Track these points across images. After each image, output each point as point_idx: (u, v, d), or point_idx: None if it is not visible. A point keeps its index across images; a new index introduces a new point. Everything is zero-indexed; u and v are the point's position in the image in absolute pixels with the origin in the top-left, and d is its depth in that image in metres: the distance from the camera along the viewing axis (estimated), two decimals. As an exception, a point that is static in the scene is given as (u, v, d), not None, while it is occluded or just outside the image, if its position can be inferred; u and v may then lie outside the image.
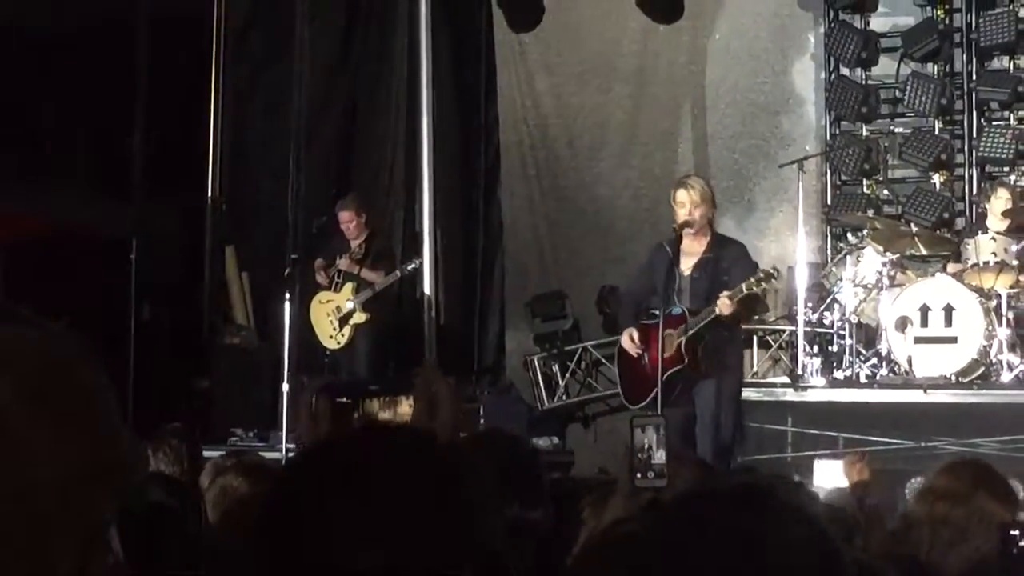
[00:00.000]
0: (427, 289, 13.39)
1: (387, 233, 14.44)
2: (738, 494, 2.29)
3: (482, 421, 13.17)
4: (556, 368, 14.63)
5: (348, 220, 13.23)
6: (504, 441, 5.30)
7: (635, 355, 9.92)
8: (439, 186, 13.92)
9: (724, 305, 9.53)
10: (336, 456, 2.12)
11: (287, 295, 12.84)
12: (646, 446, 3.67)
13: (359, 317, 13.01)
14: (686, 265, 9.90)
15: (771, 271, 9.78)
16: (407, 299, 13.93)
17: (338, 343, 13.14)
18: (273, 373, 13.03)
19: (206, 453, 8.10)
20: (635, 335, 9.93)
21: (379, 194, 15.03)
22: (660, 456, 3.65)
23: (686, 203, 9.83)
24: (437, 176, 13.88)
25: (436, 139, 14.00)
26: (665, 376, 9.49)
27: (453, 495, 2.07)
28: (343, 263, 13.15)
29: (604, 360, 14.10)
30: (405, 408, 2.38)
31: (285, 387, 12.35)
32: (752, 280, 9.60)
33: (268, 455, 11.16)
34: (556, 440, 13.98)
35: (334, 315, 13.07)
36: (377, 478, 2.05)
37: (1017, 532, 3.96)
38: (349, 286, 13.10)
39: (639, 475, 3.66)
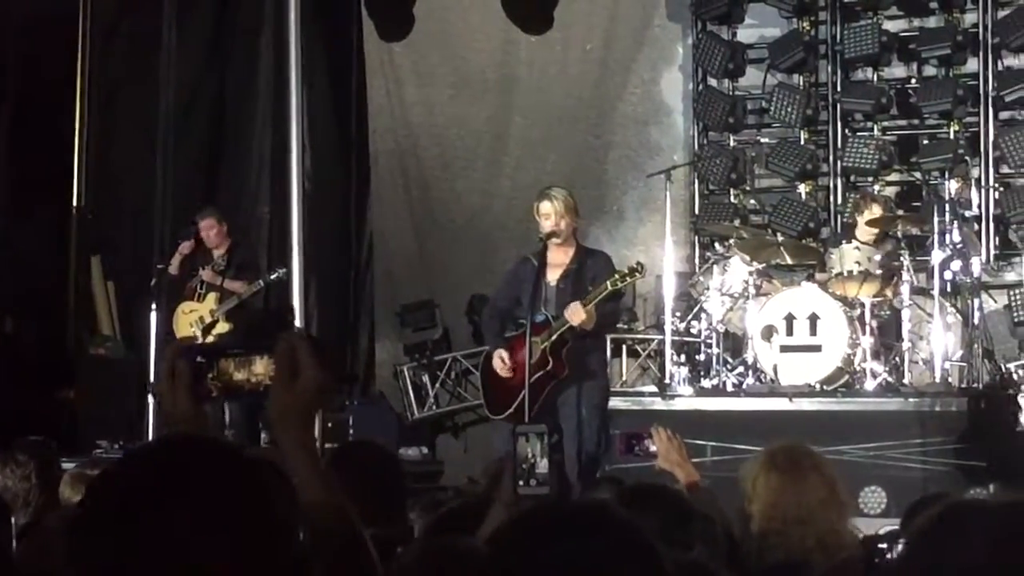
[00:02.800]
0: (295, 298, 13.30)
1: (253, 242, 14.33)
2: (568, 519, 2.30)
3: (351, 431, 13.12)
4: (426, 378, 14.61)
5: (209, 228, 13.11)
6: (368, 455, 5.27)
7: (505, 374, 9.91)
8: (308, 194, 13.84)
9: (572, 313, 9.59)
10: (140, 472, 2.10)
11: (153, 305, 12.73)
12: (529, 455, 3.69)
13: (222, 327, 12.91)
14: (552, 276, 9.94)
15: (635, 266, 9.81)
16: (273, 308, 13.83)
17: (201, 353, 12.98)
18: (139, 384, 12.91)
19: (71, 466, 7.99)
20: (504, 355, 9.93)
21: (247, 202, 14.92)
22: (543, 464, 3.67)
23: (551, 214, 9.88)
24: (306, 184, 13.80)
25: (305, 147, 13.92)
26: (535, 376, 9.53)
27: (256, 510, 2.06)
28: (206, 275, 13.03)
29: (474, 370, 14.07)
30: (259, 368, 2.36)
31: (151, 398, 12.24)
32: (616, 276, 9.65)
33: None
34: (426, 450, 13.97)
35: (197, 325, 12.95)
36: (180, 496, 2.04)
37: (885, 545, 4.00)
38: (212, 296, 12.99)
39: (522, 483, 3.68)
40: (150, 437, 12.03)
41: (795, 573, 4.22)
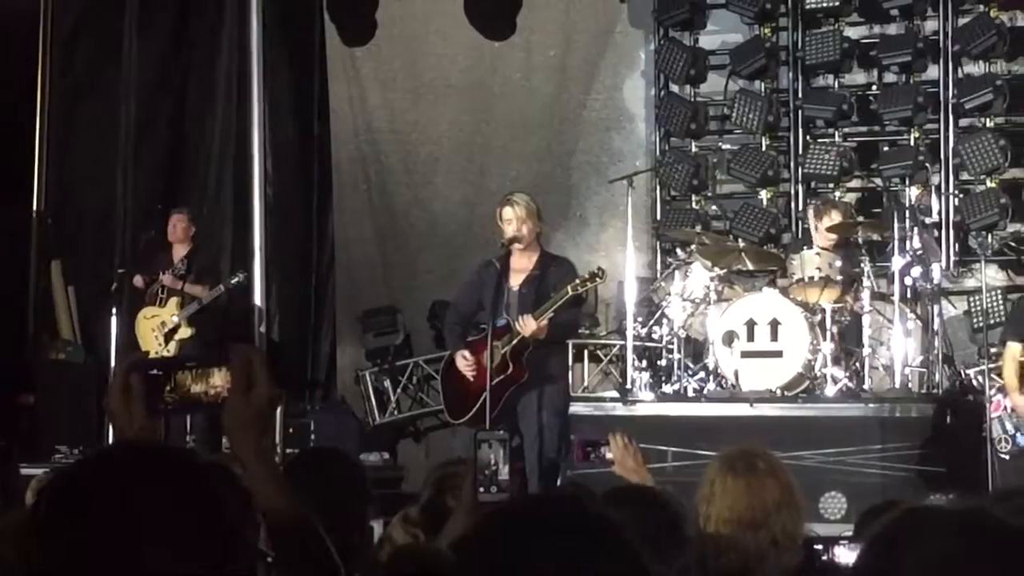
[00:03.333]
0: (258, 301, 13.23)
1: (215, 246, 14.29)
2: (549, 512, 2.29)
3: (312, 437, 13.10)
4: (388, 383, 14.60)
5: (178, 221, 13.14)
6: (329, 461, 5.26)
7: (469, 374, 9.93)
8: (270, 199, 13.79)
9: (524, 325, 9.62)
10: (93, 476, 2.10)
11: (113, 309, 12.68)
12: (491, 461, 3.68)
13: (184, 332, 12.88)
14: (515, 281, 9.99)
15: (595, 271, 9.86)
16: (236, 313, 13.78)
17: (164, 358, 12.95)
18: (99, 388, 12.84)
19: (31, 471, 7.97)
20: (467, 353, 9.96)
21: (208, 207, 14.87)
22: (505, 472, 3.66)
23: (513, 219, 9.92)
24: (268, 189, 13.75)
25: (267, 152, 13.87)
26: (495, 381, 9.56)
27: (210, 517, 2.06)
28: (167, 279, 13.01)
29: (435, 375, 14.04)
30: (217, 380, 2.36)
31: (110, 406, 12.16)
32: (576, 281, 9.70)
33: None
34: (387, 455, 13.94)
35: (159, 330, 12.91)
36: (133, 501, 2.04)
37: (821, 547, 4.01)
38: (174, 301, 12.96)
39: (482, 489, 3.67)
40: (110, 442, 11.97)
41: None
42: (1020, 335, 10.32)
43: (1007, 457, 10.24)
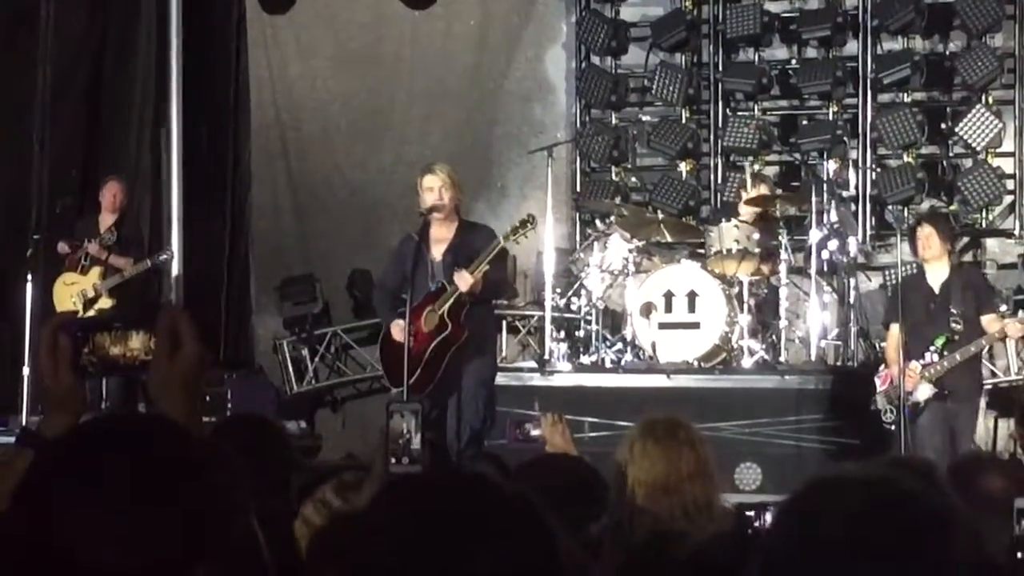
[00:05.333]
0: (176, 270, 13.16)
1: (135, 217, 14.16)
2: (451, 482, 2.30)
3: (230, 405, 13.04)
4: (305, 352, 14.55)
5: (116, 191, 13.01)
6: (254, 427, 5.23)
7: (402, 340, 9.84)
8: (186, 168, 13.68)
9: (460, 278, 9.60)
10: (74, 445, 2.07)
11: (29, 277, 12.55)
12: (404, 431, 3.65)
13: (104, 302, 12.76)
14: (436, 251, 9.92)
15: (526, 218, 9.90)
16: (153, 283, 13.68)
17: (80, 326, 12.81)
18: (13, 356, 12.73)
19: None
20: (402, 323, 9.85)
21: (127, 175, 14.72)
22: (417, 441, 3.64)
23: (434, 187, 9.89)
24: (185, 158, 13.64)
25: (184, 121, 13.77)
26: (434, 343, 9.55)
27: (191, 488, 2.04)
28: (92, 248, 12.85)
29: (354, 344, 14.10)
30: (135, 343, 2.33)
31: (26, 370, 12.07)
32: (509, 230, 9.72)
33: (3, 440, 10.93)
34: (304, 425, 13.90)
35: (78, 297, 12.77)
36: (114, 469, 2.01)
37: (753, 513, 4.04)
38: (96, 270, 12.81)
39: (394, 460, 3.64)
40: (24, 409, 11.89)
41: (664, 545, 4.26)
42: (899, 318, 10.54)
43: (892, 428, 10.37)
